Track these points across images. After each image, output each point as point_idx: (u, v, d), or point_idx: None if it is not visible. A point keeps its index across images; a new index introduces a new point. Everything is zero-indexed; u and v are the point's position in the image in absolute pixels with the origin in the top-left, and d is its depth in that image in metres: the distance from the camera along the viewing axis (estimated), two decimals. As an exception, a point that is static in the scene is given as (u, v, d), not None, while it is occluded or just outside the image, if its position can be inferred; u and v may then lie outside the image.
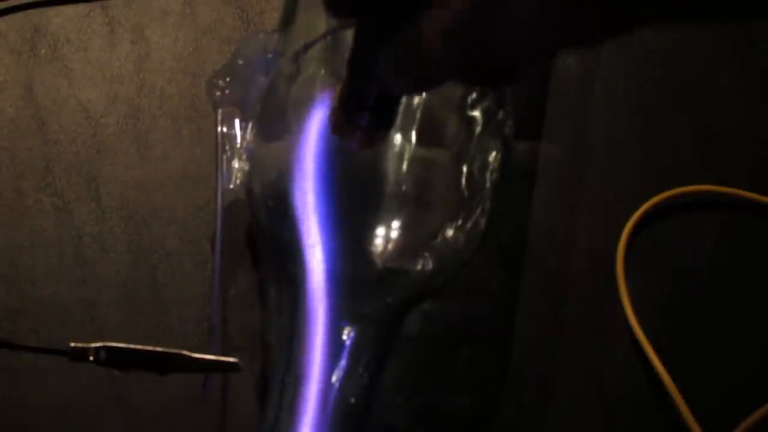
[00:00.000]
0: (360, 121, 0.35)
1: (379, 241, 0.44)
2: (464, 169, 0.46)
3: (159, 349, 0.43)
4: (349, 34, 0.34)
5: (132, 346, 0.42)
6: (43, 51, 0.56)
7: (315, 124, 0.45)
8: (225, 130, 0.49)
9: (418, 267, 0.45)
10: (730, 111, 0.55)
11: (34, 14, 0.57)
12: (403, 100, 0.38)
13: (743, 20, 0.28)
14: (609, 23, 0.28)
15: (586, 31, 0.28)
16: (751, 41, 0.56)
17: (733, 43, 0.56)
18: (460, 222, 0.45)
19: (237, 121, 0.49)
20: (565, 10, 0.27)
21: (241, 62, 0.50)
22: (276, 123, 0.47)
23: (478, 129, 0.46)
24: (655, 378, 0.47)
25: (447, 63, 0.30)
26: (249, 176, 0.48)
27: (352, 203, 0.45)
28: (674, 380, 0.47)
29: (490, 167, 0.46)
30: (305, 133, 0.45)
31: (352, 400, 0.43)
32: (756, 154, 0.54)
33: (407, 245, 0.44)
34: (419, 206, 0.45)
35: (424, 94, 0.44)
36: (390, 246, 0.44)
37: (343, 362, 0.43)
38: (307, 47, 0.47)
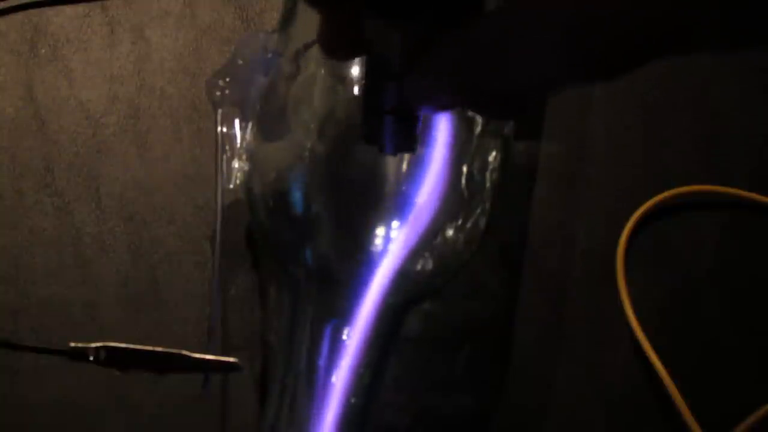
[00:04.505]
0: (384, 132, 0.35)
1: (379, 241, 0.44)
2: (464, 169, 0.46)
3: (159, 349, 0.43)
4: None
5: (132, 346, 0.43)
6: (43, 51, 0.56)
7: (314, 124, 0.45)
8: (225, 130, 0.49)
9: (418, 267, 0.45)
10: (730, 111, 0.55)
11: (34, 14, 0.57)
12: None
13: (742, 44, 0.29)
14: (610, 60, 0.28)
15: (589, 67, 0.28)
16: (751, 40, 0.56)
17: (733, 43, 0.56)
18: (460, 222, 0.45)
19: (237, 121, 0.49)
20: (570, 47, 0.27)
21: (240, 62, 0.50)
22: (276, 123, 0.47)
23: (478, 129, 0.46)
24: (655, 378, 0.47)
25: (459, 95, 0.31)
26: (249, 176, 0.48)
27: (352, 203, 0.45)
28: (674, 380, 0.47)
29: (490, 167, 0.46)
30: (305, 133, 0.45)
31: (352, 400, 0.43)
32: (756, 154, 0.54)
33: (407, 245, 0.44)
34: (419, 206, 0.45)
35: None
36: (390, 246, 0.44)
37: (343, 362, 0.43)
38: (307, 47, 0.47)
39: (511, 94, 0.29)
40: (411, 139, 0.35)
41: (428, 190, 0.45)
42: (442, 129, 0.45)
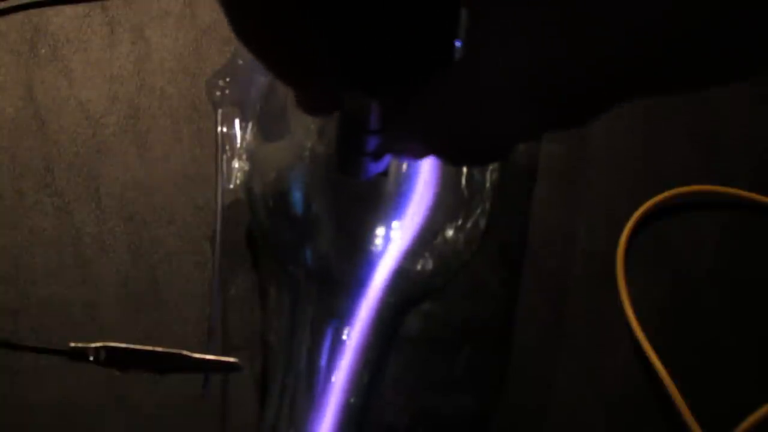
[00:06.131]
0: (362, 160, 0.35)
1: (378, 241, 0.44)
2: (464, 169, 0.46)
3: (159, 349, 0.43)
4: None
5: (132, 346, 0.43)
6: (43, 51, 0.56)
7: (314, 124, 0.45)
8: (225, 130, 0.49)
9: (418, 267, 0.45)
10: (730, 111, 0.55)
11: (34, 14, 0.57)
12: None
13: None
14: (594, 106, 0.28)
15: (572, 115, 0.28)
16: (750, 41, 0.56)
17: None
18: (460, 222, 0.45)
19: (237, 121, 0.49)
20: (551, 98, 0.27)
21: (241, 62, 0.50)
22: (276, 123, 0.47)
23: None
24: (655, 378, 0.47)
25: (433, 149, 0.31)
26: (249, 176, 0.48)
27: (352, 203, 0.45)
28: (674, 380, 0.47)
29: (490, 167, 0.46)
30: (305, 133, 0.45)
31: (352, 400, 0.43)
32: (756, 155, 0.54)
33: (407, 245, 0.44)
34: (419, 206, 0.45)
35: None
36: (390, 246, 0.44)
37: (343, 362, 0.43)
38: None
39: (483, 144, 0.30)
40: (385, 167, 0.36)
41: (428, 191, 0.45)
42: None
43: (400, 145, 0.33)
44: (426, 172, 0.45)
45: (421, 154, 0.33)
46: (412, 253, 0.45)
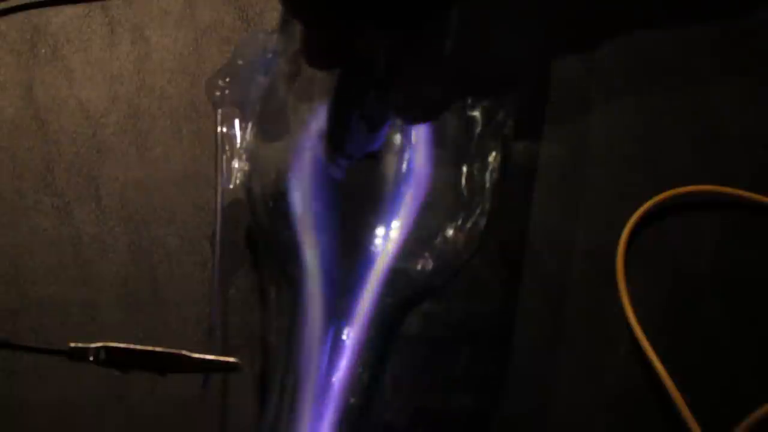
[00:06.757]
0: (347, 153, 0.35)
1: (378, 241, 0.44)
2: (464, 169, 0.46)
3: (159, 349, 0.43)
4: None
5: (132, 346, 0.42)
6: (43, 51, 0.56)
7: (315, 124, 0.45)
8: (225, 130, 0.49)
9: (418, 267, 0.45)
10: (730, 111, 0.55)
11: (34, 14, 0.57)
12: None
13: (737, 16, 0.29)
14: (602, 28, 0.28)
15: (580, 37, 0.28)
16: (750, 41, 0.56)
17: (732, 43, 0.56)
18: (460, 222, 0.45)
19: (237, 121, 0.49)
20: (558, 19, 0.27)
21: (240, 62, 0.51)
22: (276, 123, 0.47)
23: (478, 129, 0.46)
24: (655, 378, 0.47)
25: (446, 87, 0.31)
26: (249, 176, 0.48)
27: (352, 203, 0.45)
28: (674, 380, 0.47)
29: (490, 167, 0.46)
30: (305, 133, 0.45)
31: (352, 400, 0.43)
32: (756, 155, 0.54)
33: (407, 245, 0.44)
34: (419, 206, 0.45)
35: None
36: (390, 246, 0.44)
37: (343, 362, 0.43)
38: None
39: (495, 72, 0.30)
40: (379, 146, 0.35)
41: (428, 190, 0.45)
42: (442, 129, 0.45)
43: (403, 101, 0.32)
44: (426, 172, 0.45)
45: (422, 112, 0.33)
46: (412, 253, 0.45)
